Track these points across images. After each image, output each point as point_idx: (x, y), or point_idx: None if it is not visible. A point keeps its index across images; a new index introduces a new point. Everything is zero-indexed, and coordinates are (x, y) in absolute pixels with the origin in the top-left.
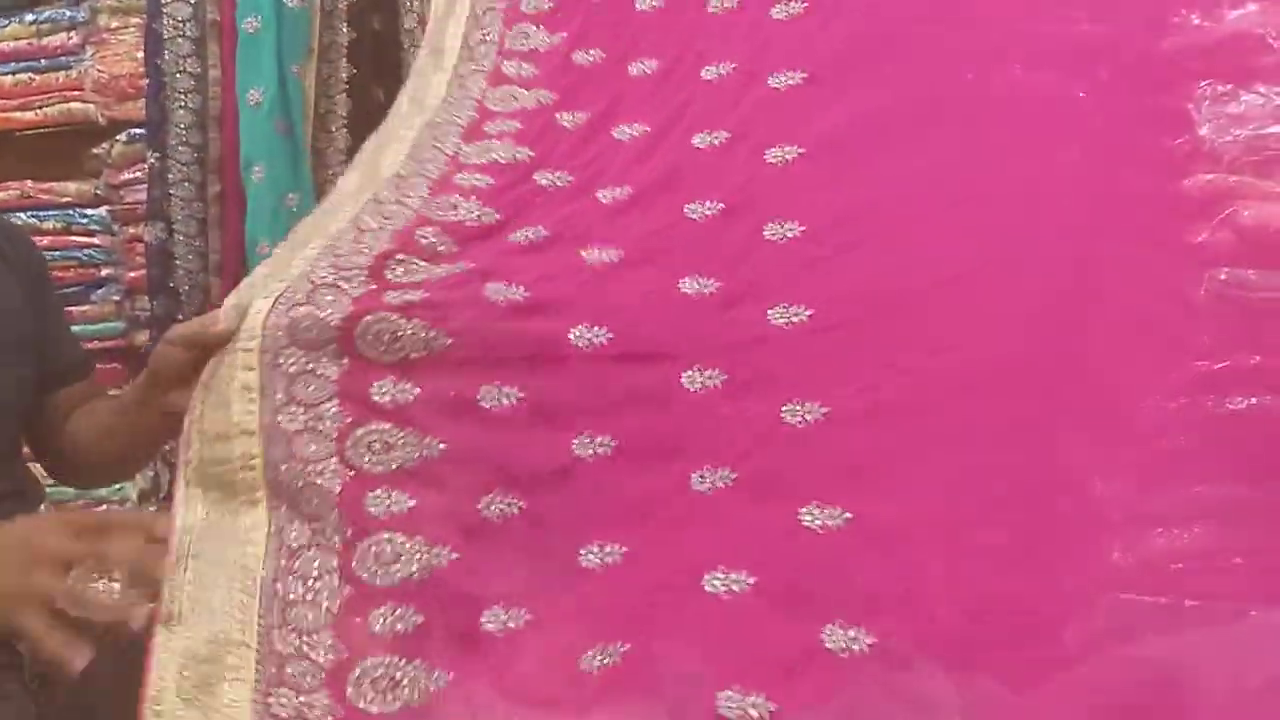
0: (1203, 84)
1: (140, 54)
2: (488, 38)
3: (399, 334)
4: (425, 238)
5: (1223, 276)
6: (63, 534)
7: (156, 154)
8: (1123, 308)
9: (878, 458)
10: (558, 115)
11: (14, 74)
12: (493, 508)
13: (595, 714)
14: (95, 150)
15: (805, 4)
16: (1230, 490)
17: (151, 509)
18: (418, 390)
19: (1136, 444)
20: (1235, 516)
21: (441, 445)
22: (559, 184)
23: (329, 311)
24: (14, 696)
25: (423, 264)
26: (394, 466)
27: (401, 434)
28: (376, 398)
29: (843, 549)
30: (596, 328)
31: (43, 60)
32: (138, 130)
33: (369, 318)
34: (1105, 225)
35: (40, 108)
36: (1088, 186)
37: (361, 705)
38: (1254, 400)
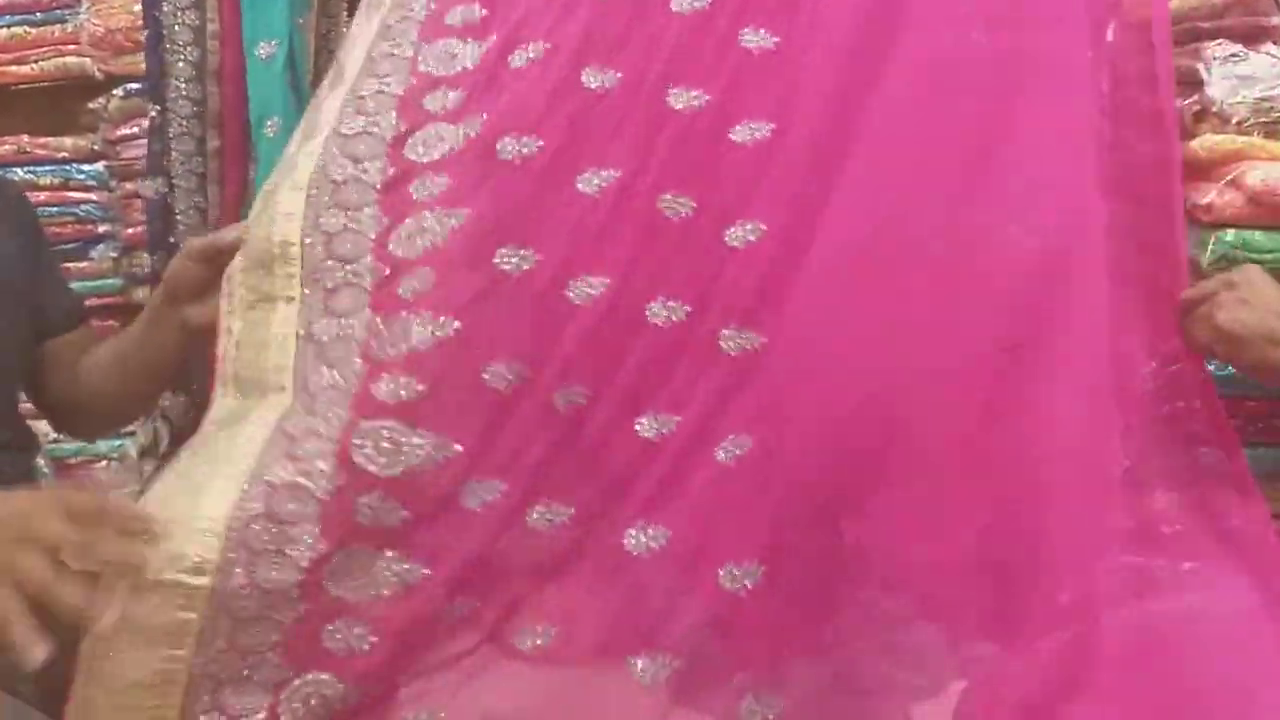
0: (1212, 44)
1: (137, 7)
2: (397, 51)
3: (372, 570)
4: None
5: (1229, 238)
6: (56, 516)
7: (157, 107)
8: (1125, 269)
9: (878, 418)
10: (499, 144)
11: (9, 27)
12: None
13: None
14: (92, 105)
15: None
16: (1233, 453)
17: (149, 467)
18: (373, 639)
19: (1138, 407)
20: (1236, 480)
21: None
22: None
23: (288, 563)
24: None
25: (387, 433)
26: None
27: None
28: (327, 643)
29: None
30: (555, 504)
31: (38, 13)
32: (134, 85)
33: (340, 555)
34: (1110, 186)
35: (36, 62)
36: (1093, 147)
37: None
38: None
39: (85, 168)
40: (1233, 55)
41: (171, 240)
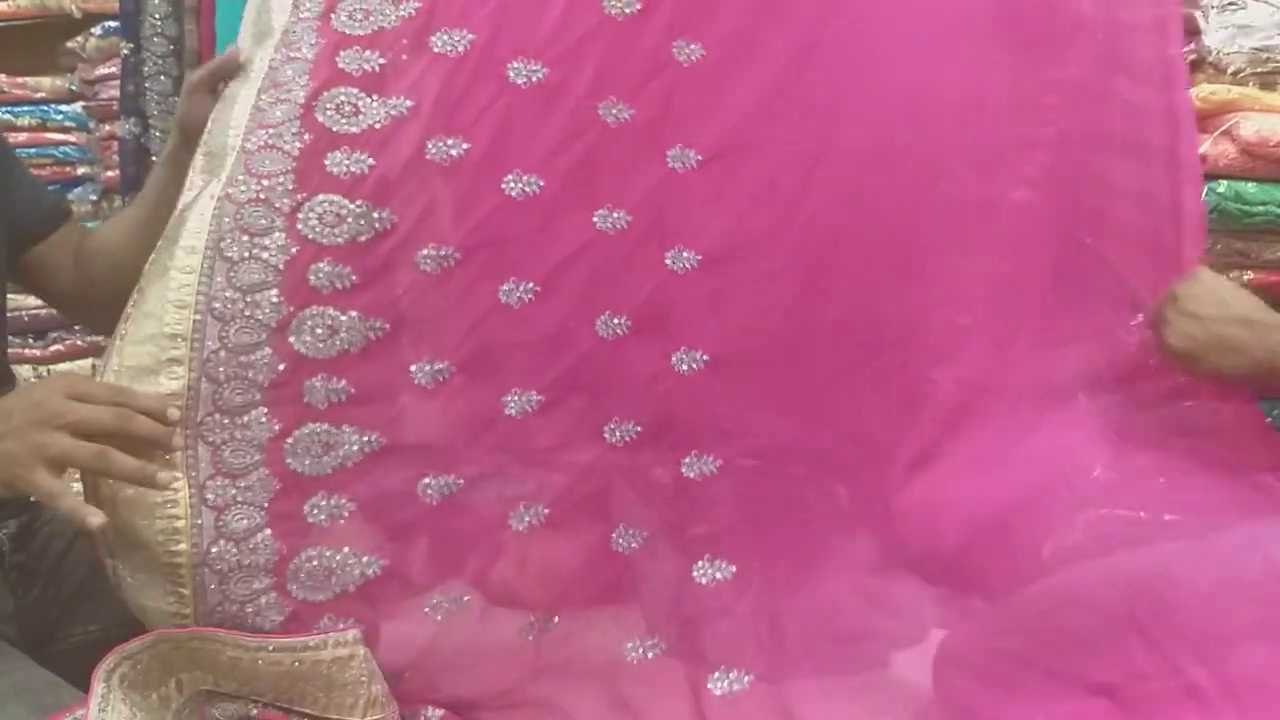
0: None
1: None
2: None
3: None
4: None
5: (1220, 189)
6: (76, 397)
7: (130, 45)
8: (1115, 221)
9: (851, 385)
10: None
11: None
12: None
13: None
14: (69, 43)
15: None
16: (1217, 407)
17: None
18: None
19: (1125, 361)
20: (1220, 431)
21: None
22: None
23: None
24: None
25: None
26: None
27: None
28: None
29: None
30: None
31: None
32: (113, 23)
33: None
34: (1101, 136)
35: None
36: (1085, 96)
37: None
38: None
39: (63, 108)
40: (1230, 4)
41: None
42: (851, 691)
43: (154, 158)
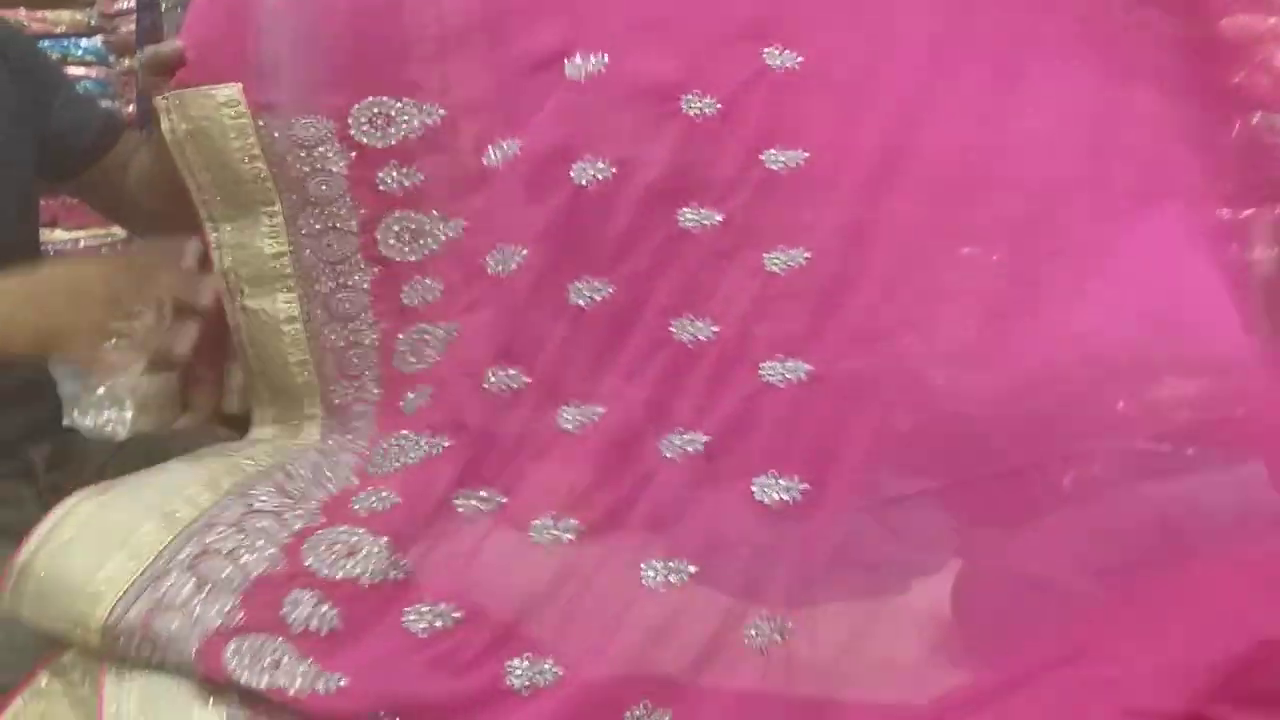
0: None
1: None
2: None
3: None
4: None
5: (1255, 121)
6: (109, 276)
7: None
8: (1146, 152)
9: (887, 314)
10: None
11: None
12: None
13: None
14: None
15: None
16: (1242, 340)
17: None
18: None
19: (1151, 292)
20: (1243, 366)
21: None
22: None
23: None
24: (26, 504)
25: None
26: None
27: None
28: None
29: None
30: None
31: None
32: None
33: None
34: (1134, 67)
35: None
36: (1116, 27)
37: None
38: (1276, 250)
39: (83, 43)
40: None
41: None
42: (870, 616)
43: None
